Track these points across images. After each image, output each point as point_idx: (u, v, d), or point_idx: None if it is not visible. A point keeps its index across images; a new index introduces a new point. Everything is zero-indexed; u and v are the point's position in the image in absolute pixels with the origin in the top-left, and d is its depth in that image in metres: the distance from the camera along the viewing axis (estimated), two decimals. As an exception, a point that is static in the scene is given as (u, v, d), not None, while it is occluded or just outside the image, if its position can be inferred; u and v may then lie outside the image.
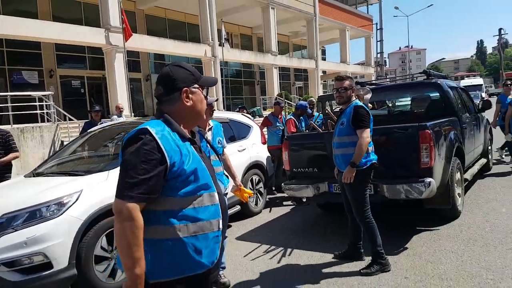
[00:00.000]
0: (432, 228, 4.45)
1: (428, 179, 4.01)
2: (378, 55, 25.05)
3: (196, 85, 1.69)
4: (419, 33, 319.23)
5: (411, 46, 67.05)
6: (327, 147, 4.43)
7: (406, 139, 4.25)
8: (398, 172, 4.27)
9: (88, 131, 5.76)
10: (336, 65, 29.45)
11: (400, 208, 5.27)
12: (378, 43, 24.03)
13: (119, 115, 9.25)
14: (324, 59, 32.83)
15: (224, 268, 3.57)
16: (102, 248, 3.56)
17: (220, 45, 18.84)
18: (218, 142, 3.65)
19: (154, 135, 1.51)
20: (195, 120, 1.74)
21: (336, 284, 3.38)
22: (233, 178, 3.83)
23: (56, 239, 3.26)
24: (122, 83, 14.89)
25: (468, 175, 5.46)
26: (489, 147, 7.37)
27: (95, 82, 18.69)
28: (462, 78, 56.14)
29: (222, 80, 19.32)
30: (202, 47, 18.71)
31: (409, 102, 6.52)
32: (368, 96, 4.33)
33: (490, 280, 3.15)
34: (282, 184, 5.09)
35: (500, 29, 57.61)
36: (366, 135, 3.43)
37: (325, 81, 33.90)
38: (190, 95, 1.66)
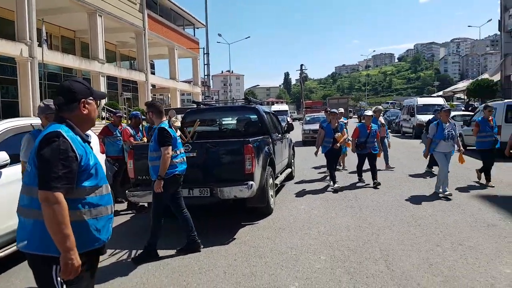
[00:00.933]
0: (253, 222, 5.53)
1: (251, 182, 5.07)
2: (206, 76, 26.95)
3: (91, 98, 2.11)
4: (239, 59, 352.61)
5: (232, 71, 73.57)
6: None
7: (234, 151, 5.26)
8: (228, 177, 5.19)
9: None
10: (165, 81, 30.08)
11: (229, 208, 6.23)
12: (205, 66, 25.95)
13: None
14: (153, 73, 33.01)
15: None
16: None
17: (39, 45, 17.00)
18: None
19: (66, 137, 1.88)
20: (89, 125, 2.17)
21: (179, 271, 3.96)
22: None
23: None
24: None
25: (278, 181, 6.89)
26: (292, 160, 9.25)
27: None
28: (272, 103, 64.74)
29: (40, 84, 17.40)
30: (18, 46, 16.52)
31: (235, 122, 7.73)
32: (173, 117, 5.15)
33: (294, 255, 4.29)
34: (127, 191, 5.38)
35: (301, 65, 69.49)
36: (168, 151, 4.15)
37: (155, 94, 34.11)
38: (86, 105, 2.07)
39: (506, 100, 14.08)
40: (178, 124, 4.54)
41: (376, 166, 8.13)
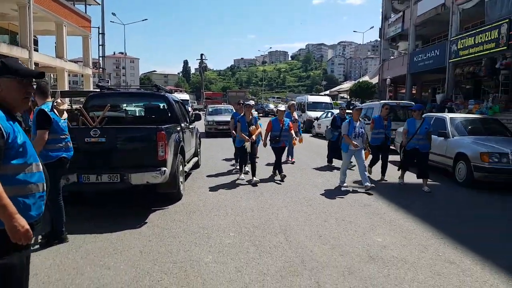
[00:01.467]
0: (163, 208, 5.76)
1: (164, 168, 5.29)
2: (101, 58, 25.21)
3: (8, 76, 2.09)
4: (134, 42, 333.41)
5: (126, 54, 69.45)
6: (77, 141, 4.93)
7: (147, 137, 5.37)
8: (140, 163, 5.31)
9: None
10: (51, 59, 27.21)
11: (138, 194, 6.32)
12: (100, 46, 24.28)
13: None
14: (36, 50, 29.60)
15: None
16: None
17: None
18: None
19: None
20: (11, 105, 2.12)
21: (93, 252, 4.05)
22: None
23: None
24: None
25: (186, 168, 7.18)
26: (199, 150, 9.56)
27: None
28: (171, 91, 63.36)
29: None
30: None
31: (142, 108, 7.73)
32: (58, 99, 4.69)
33: (206, 234, 4.69)
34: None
35: (201, 55, 69.31)
36: (43, 135, 3.98)
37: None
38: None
39: (382, 101, 16.47)
40: (65, 107, 4.33)
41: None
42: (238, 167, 8.39)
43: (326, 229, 4.96)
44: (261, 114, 39.97)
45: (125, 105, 7.94)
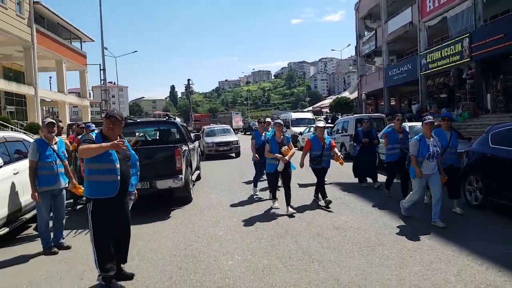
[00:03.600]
0: (180, 207, 7.47)
1: (180, 175, 7.03)
2: (102, 91, 26.98)
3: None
4: (122, 71, 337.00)
5: (114, 83, 71.39)
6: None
7: (168, 153, 7.12)
8: (163, 173, 7.02)
9: None
10: (54, 94, 28.98)
11: (162, 198, 7.99)
12: (102, 81, 26.26)
13: None
14: (35, 86, 31.36)
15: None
16: None
17: None
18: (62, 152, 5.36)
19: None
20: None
21: (133, 235, 5.71)
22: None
23: None
24: None
25: (194, 177, 8.91)
26: (199, 164, 11.28)
27: None
28: (160, 116, 65.39)
29: None
30: None
31: (158, 133, 9.55)
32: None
33: (215, 220, 6.39)
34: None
35: (188, 80, 71.52)
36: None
37: (43, 108, 32.19)
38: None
39: (355, 115, 18.44)
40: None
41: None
42: (269, 195, 7.53)
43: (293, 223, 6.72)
44: (248, 133, 41.88)
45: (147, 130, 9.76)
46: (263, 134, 8.59)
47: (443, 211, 5.75)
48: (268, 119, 9.73)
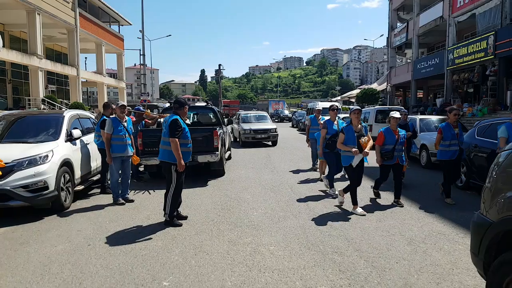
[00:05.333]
0: (215, 179, 9.08)
1: (217, 152, 8.62)
2: (141, 76, 29.03)
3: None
4: (154, 54, 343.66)
5: (146, 65, 74.02)
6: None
7: (207, 133, 8.71)
8: (204, 149, 8.61)
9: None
10: (94, 75, 31.37)
11: (201, 171, 9.63)
12: (141, 66, 28.30)
13: None
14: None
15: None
16: (62, 182, 6.21)
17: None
18: (130, 128, 7.07)
19: (179, 120, 5.32)
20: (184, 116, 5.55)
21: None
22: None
23: (50, 174, 5.82)
24: None
25: (226, 155, 10.49)
26: (230, 145, 12.84)
27: None
28: (190, 100, 67.96)
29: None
30: None
31: (199, 116, 11.23)
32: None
33: (244, 188, 7.95)
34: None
35: (219, 65, 73.01)
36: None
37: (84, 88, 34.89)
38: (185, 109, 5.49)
39: (376, 106, 19.44)
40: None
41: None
42: (336, 191, 7.08)
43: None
44: (276, 120, 43.11)
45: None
46: (335, 123, 7.58)
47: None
48: (319, 107, 10.35)
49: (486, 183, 2.93)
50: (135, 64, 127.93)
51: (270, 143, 17.66)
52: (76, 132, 7.12)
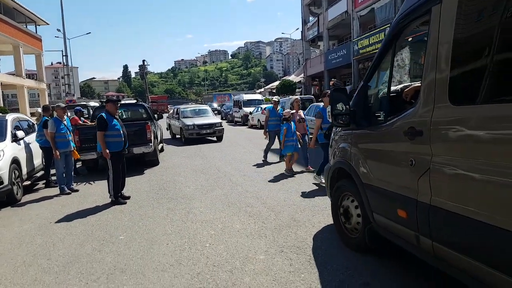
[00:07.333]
0: (150, 168, 10.24)
1: (150, 144, 9.79)
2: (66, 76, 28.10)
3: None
4: (72, 52, 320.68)
5: (71, 65, 70.08)
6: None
7: (141, 127, 9.82)
8: (138, 142, 9.71)
9: None
10: (13, 78, 29.81)
11: (138, 162, 10.66)
12: (64, 66, 27.45)
13: None
14: (-7, 70, 31.87)
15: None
16: (13, 178, 7.05)
17: None
18: (70, 126, 7.98)
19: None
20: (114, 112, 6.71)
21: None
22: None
23: (4, 170, 6.67)
24: None
25: (159, 147, 11.63)
26: (162, 138, 13.90)
27: None
28: (122, 97, 65.84)
29: None
30: None
31: (130, 112, 12.18)
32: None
33: (180, 173, 9.26)
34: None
35: (143, 60, 71.64)
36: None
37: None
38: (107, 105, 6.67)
39: (292, 96, 21.60)
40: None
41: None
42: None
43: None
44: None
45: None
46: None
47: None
48: (275, 98, 11.37)
49: (329, 145, 4.67)
50: (52, 63, 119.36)
51: (215, 138, 16.40)
52: (20, 133, 7.89)
